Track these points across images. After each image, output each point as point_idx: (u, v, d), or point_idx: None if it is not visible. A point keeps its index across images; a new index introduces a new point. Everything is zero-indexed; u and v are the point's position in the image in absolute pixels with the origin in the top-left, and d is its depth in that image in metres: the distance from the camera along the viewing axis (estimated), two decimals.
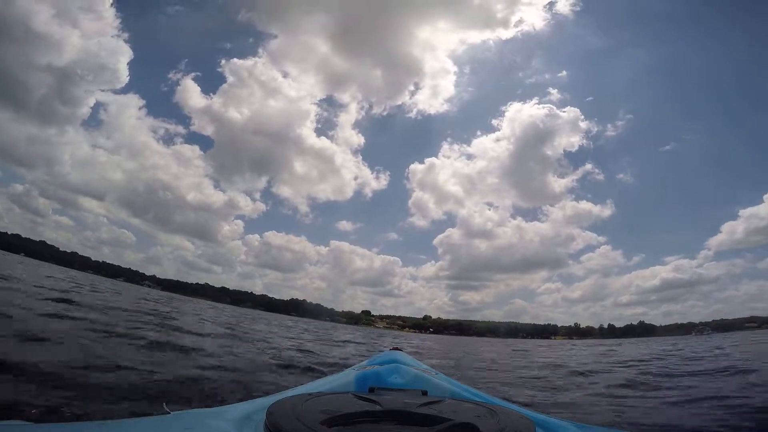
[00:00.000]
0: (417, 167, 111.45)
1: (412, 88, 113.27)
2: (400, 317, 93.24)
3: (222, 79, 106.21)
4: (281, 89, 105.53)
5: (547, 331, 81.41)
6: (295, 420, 0.81)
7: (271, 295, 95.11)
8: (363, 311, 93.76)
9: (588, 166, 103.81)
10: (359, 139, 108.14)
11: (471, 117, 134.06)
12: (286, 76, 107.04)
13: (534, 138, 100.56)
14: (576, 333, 79.15)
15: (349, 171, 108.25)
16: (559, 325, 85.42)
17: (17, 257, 42.54)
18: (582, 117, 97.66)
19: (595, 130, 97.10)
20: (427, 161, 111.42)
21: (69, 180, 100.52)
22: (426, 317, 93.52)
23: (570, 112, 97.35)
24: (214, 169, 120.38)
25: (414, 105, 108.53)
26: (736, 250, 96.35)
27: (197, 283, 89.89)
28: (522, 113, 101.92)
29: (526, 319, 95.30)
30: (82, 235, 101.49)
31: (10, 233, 74.98)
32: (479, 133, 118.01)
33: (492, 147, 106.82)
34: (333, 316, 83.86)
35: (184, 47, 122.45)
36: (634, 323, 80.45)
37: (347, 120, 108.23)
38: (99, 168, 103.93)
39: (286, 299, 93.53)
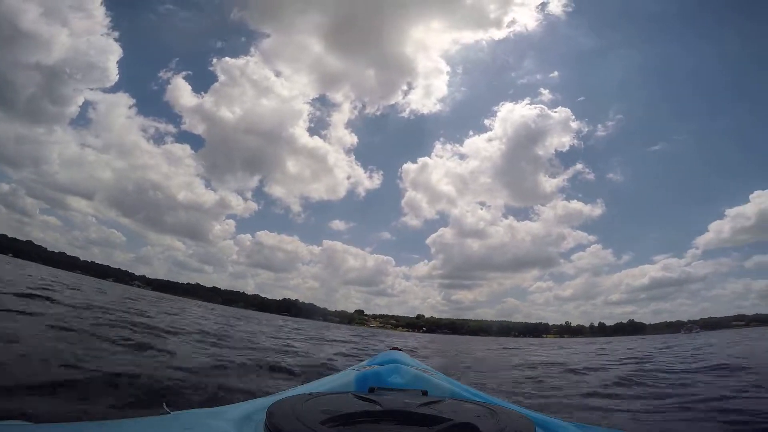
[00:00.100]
0: (410, 167, 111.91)
1: (405, 87, 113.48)
2: (393, 316, 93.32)
3: (213, 78, 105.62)
4: (274, 88, 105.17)
5: (539, 330, 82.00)
6: (295, 420, 0.81)
7: (264, 295, 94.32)
8: (356, 311, 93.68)
9: (579, 165, 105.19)
10: (352, 139, 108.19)
11: (463, 117, 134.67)
12: (278, 75, 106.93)
13: (526, 138, 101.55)
14: (567, 331, 79.87)
15: (342, 170, 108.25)
16: (551, 324, 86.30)
17: (4, 257, 41.71)
18: (573, 117, 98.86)
19: (586, 130, 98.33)
20: (420, 161, 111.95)
21: (57, 179, 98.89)
22: (419, 316, 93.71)
23: (561, 112, 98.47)
24: (205, 169, 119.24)
25: (407, 105, 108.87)
26: (723, 249, 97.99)
27: (188, 283, 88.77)
28: (514, 113, 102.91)
29: (518, 318, 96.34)
30: (70, 235, 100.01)
31: None
32: (472, 133, 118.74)
33: (484, 147, 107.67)
34: (326, 315, 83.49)
35: (174, 46, 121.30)
36: (624, 321, 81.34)
37: (340, 119, 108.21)
38: (88, 167, 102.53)
39: (278, 299, 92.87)
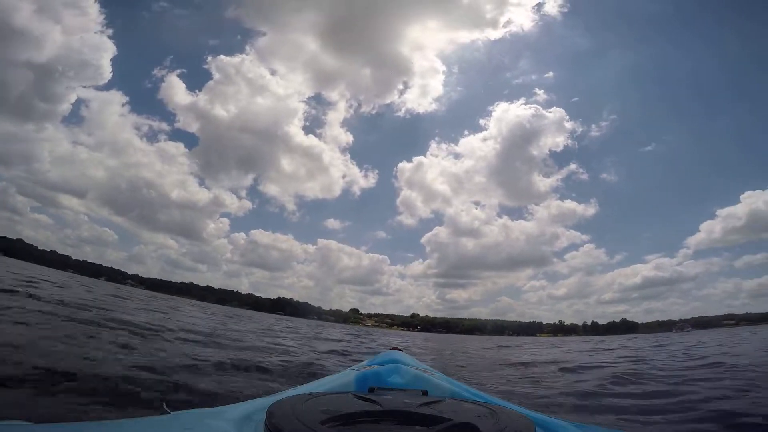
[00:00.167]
0: (405, 166, 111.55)
1: (401, 86, 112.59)
2: (388, 315, 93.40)
3: (208, 76, 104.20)
4: (269, 87, 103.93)
5: (533, 329, 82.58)
6: (295, 420, 0.81)
7: (258, 294, 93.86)
8: (351, 309, 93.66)
9: (572, 165, 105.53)
10: (348, 138, 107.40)
11: (459, 116, 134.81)
12: (274, 73, 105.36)
13: (520, 138, 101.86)
14: (561, 330, 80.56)
15: (338, 169, 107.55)
16: (544, 323, 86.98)
17: None
18: (567, 117, 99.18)
19: (580, 130, 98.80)
20: (416, 160, 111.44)
21: (48, 177, 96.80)
22: (414, 315, 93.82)
23: (556, 112, 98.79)
24: (199, 167, 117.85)
25: (403, 104, 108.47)
26: (714, 249, 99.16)
27: (182, 282, 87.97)
28: (509, 113, 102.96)
29: (512, 317, 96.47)
30: (61, 234, 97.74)
31: None
32: (467, 133, 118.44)
33: (479, 146, 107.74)
34: (321, 314, 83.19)
35: (169, 44, 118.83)
36: (616, 320, 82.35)
37: (336, 118, 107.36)
38: (80, 165, 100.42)
39: (272, 298, 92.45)
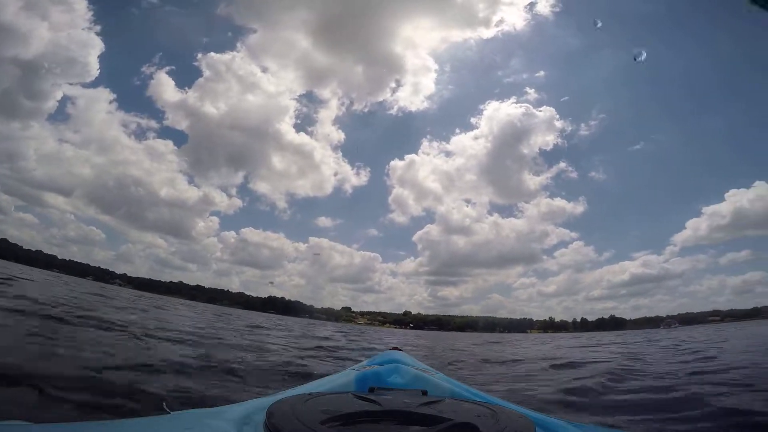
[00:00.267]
0: (397, 164, 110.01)
1: (393, 85, 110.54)
2: (380, 313, 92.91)
3: (198, 74, 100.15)
4: (260, 84, 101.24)
5: (523, 326, 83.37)
6: (295, 420, 0.80)
7: (249, 293, 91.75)
8: (343, 308, 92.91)
9: (562, 164, 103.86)
10: (339, 135, 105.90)
11: (450, 115, 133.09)
12: (265, 71, 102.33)
13: (511, 136, 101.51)
14: (551, 327, 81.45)
15: (329, 167, 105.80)
16: (535, 319, 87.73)
17: None
18: (557, 116, 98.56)
19: (570, 129, 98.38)
20: (407, 158, 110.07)
21: (33, 176, 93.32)
22: (406, 313, 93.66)
23: (546, 111, 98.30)
24: (188, 165, 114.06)
25: (395, 102, 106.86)
26: (699, 246, 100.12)
27: (171, 282, 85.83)
28: (500, 112, 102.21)
29: (503, 314, 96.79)
30: (47, 233, 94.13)
31: None
32: (458, 131, 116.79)
33: (470, 145, 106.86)
34: (312, 313, 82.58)
35: (158, 41, 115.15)
36: (605, 317, 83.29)
37: (327, 116, 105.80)
38: (66, 163, 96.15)
39: (263, 297, 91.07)
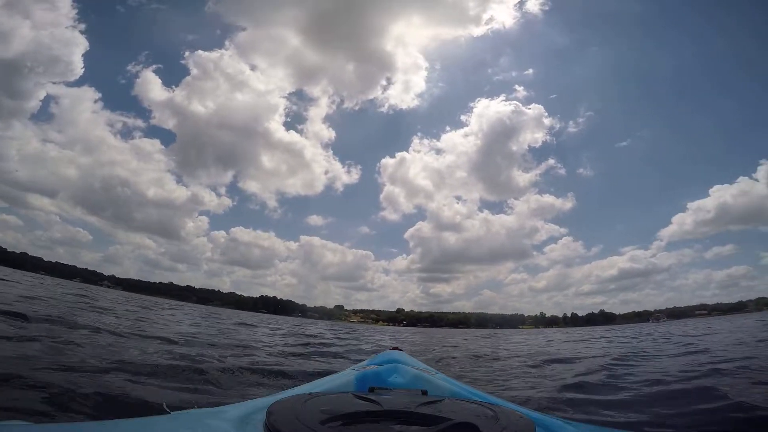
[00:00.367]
0: (388, 161, 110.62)
1: (384, 82, 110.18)
2: (373, 311, 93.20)
3: (185, 72, 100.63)
4: (249, 82, 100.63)
5: (515, 321, 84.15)
6: (295, 420, 0.80)
7: (240, 293, 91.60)
8: (336, 306, 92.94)
9: (551, 161, 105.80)
10: (330, 133, 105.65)
11: (441, 112, 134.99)
12: (254, 69, 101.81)
13: (500, 134, 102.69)
14: (542, 322, 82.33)
15: (320, 165, 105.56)
16: (526, 315, 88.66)
17: None
18: (546, 114, 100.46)
19: (558, 126, 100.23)
20: (398, 155, 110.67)
21: (17, 177, 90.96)
22: (399, 310, 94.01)
23: (535, 109, 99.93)
24: (176, 164, 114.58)
25: (386, 99, 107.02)
26: (685, 240, 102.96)
27: (161, 283, 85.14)
28: (489, 109, 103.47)
29: (494, 309, 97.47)
30: (32, 235, 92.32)
31: None
32: (448, 129, 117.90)
33: (461, 142, 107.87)
34: (305, 311, 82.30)
35: (145, 39, 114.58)
36: (595, 312, 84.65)
37: (318, 114, 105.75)
38: (50, 164, 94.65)
39: (255, 296, 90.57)
